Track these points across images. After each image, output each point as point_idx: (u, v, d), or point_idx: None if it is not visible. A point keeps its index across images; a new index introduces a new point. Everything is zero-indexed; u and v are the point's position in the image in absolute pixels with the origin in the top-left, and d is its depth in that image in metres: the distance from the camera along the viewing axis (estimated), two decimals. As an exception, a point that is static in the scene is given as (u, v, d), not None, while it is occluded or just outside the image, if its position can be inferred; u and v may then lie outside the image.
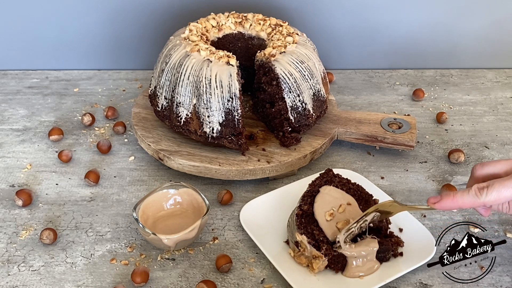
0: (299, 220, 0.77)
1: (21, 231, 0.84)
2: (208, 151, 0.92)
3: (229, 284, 0.76)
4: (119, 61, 1.24)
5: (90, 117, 1.05)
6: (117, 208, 0.88)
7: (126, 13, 1.18)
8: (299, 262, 0.77)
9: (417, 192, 0.92)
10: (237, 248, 0.82)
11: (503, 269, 0.78)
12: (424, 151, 1.01)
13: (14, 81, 1.20)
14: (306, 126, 0.95)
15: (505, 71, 1.24)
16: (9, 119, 1.08)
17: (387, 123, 0.99)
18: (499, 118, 1.10)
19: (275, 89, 0.92)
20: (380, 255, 0.76)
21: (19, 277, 0.77)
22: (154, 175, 0.95)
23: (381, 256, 0.76)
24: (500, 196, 0.68)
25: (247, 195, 0.91)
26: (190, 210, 0.83)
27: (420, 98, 1.14)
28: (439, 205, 0.71)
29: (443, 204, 0.71)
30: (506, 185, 0.68)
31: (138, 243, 0.82)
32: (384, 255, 0.76)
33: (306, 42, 0.98)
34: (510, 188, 0.68)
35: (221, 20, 1.01)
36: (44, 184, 0.93)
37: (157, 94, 0.94)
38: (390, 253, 0.77)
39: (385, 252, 0.76)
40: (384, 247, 0.76)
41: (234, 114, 0.88)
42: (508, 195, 0.68)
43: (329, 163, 0.98)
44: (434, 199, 0.72)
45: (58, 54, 1.22)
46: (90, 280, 0.77)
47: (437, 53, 1.24)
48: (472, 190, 0.69)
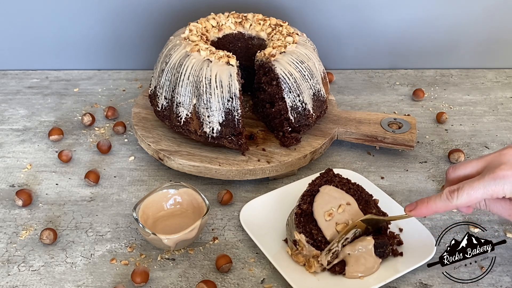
0: (298, 219, 0.77)
1: (21, 231, 0.84)
2: (208, 151, 0.92)
3: (229, 284, 0.76)
4: (119, 61, 1.24)
5: (90, 117, 1.05)
6: (117, 208, 0.88)
7: (126, 13, 1.18)
8: (296, 260, 0.77)
9: (417, 192, 0.92)
10: (237, 248, 0.82)
11: (503, 269, 0.78)
12: (424, 151, 1.01)
13: (14, 81, 1.20)
14: (306, 126, 0.95)
15: (505, 71, 1.24)
16: (9, 119, 1.08)
17: (387, 123, 0.99)
18: (499, 118, 1.10)
19: (275, 89, 0.92)
20: (379, 251, 0.75)
21: (19, 277, 0.77)
22: (154, 175, 0.95)
23: (380, 251, 0.75)
24: (471, 198, 0.68)
25: (247, 195, 0.91)
26: (190, 210, 0.83)
27: (420, 98, 1.14)
28: (415, 212, 0.72)
29: (418, 211, 0.72)
30: (474, 187, 0.67)
31: (138, 243, 0.82)
32: (383, 250, 0.75)
33: (306, 42, 0.98)
34: (478, 189, 0.67)
35: (221, 20, 1.01)
36: (44, 184, 0.93)
37: (157, 94, 0.94)
38: (389, 248, 0.76)
39: (383, 246, 0.75)
40: (381, 241, 0.75)
41: (234, 114, 0.88)
42: (478, 196, 0.68)
43: (329, 163, 0.98)
44: (410, 206, 0.73)
45: (58, 54, 1.22)
46: (90, 280, 0.77)
47: (437, 53, 1.24)
48: (443, 195, 0.70)
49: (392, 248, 0.77)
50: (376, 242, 0.75)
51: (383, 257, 0.76)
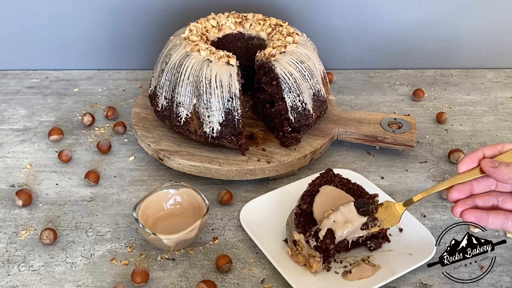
0: (297, 219, 0.77)
1: (21, 231, 0.84)
2: (208, 151, 0.92)
3: (229, 284, 0.76)
4: (119, 61, 1.24)
5: (90, 117, 1.05)
6: (117, 208, 0.88)
7: (126, 13, 1.18)
8: (296, 260, 0.77)
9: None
10: (237, 248, 0.82)
11: (503, 269, 0.78)
12: (424, 151, 1.01)
13: (14, 81, 1.20)
14: (306, 126, 0.95)
15: (505, 71, 1.24)
16: (9, 119, 1.08)
17: (387, 123, 0.99)
18: (499, 118, 1.10)
19: (275, 89, 0.92)
20: (362, 210, 0.75)
21: (19, 277, 0.77)
22: (154, 175, 0.95)
23: (364, 210, 0.75)
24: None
25: (247, 195, 0.91)
26: (190, 210, 0.83)
27: (420, 98, 1.14)
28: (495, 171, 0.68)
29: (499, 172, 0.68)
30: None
31: (138, 243, 0.82)
32: (365, 208, 0.75)
33: (306, 42, 0.98)
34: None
35: (221, 20, 1.01)
36: (44, 184, 0.93)
37: (157, 94, 0.94)
38: (371, 206, 0.75)
39: (364, 205, 0.75)
40: (361, 200, 0.75)
41: (234, 114, 0.88)
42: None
43: (329, 163, 0.98)
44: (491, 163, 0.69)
45: (58, 54, 1.22)
46: (90, 280, 0.77)
47: (437, 53, 1.24)
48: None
49: (375, 206, 0.75)
50: (356, 202, 0.75)
51: (369, 215, 0.75)
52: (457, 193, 0.72)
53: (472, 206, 0.71)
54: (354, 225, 0.74)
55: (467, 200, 0.71)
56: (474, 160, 0.72)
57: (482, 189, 0.73)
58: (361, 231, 0.75)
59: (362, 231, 0.75)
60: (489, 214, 0.70)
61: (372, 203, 0.76)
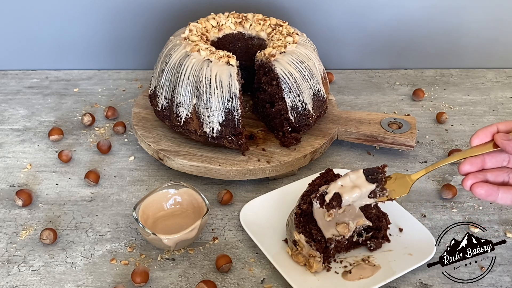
0: (297, 219, 0.77)
1: (21, 231, 0.84)
2: (208, 151, 0.92)
3: (229, 284, 0.76)
4: (119, 61, 1.24)
5: (90, 117, 1.05)
6: (117, 208, 0.88)
7: (126, 13, 1.18)
8: (297, 260, 0.77)
9: (417, 192, 0.92)
10: (237, 248, 0.82)
11: (503, 269, 0.78)
12: (424, 151, 1.01)
13: (14, 81, 1.20)
14: (306, 126, 0.95)
15: (505, 71, 1.24)
16: (9, 119, 1.08)
17: (387, 123, 0.99)
18: (499, 118, 1.10)
19: (275, 89, 0.92)
20: (371, 177, 0.74)
21: (19, 277, 0.77)
22: (154, 175, 0.95)
23: (372, 178, 0.74)
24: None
25: (247, 195, 0.91)
26: (190, 210, 0.83)
27: (420, 98, 1.14)
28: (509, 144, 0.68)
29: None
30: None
31: (138, 243, 0.82)
32: (374, 176, 0.74)
33: (306, 42, 0.98)
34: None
35: (221, 20, 1.01)
36: (44, 184, 0.93)
37: (157, 94, 0.94)
38: (380, 175, 0.74)
39: (373, 173, 0.74)
40: (370, 168, 0.75)
41: (234, 114, 0.88)
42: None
43: (329, 163, 0.98)
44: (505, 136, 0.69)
45: (58, 54, 1.22)
46: (90, 280, 0.77)
47: (437, 53, 1.24)
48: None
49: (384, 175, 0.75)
50: (365, 169, 0.74)
51: (377, 182, 0.74)
52: (468, 166, 0.70)
53: (483, 180, 0.70)
54: (362, 191, 0.73)
55: (478, 174, 0.70)
56: (487, 134, 0.71)
57: (494, 164, 0.72)
58: (368, 199, 0.73)
59: (370, 199, 0.74)
60: (499, 189, 0.69)
61: (381, 172, 0.74)
